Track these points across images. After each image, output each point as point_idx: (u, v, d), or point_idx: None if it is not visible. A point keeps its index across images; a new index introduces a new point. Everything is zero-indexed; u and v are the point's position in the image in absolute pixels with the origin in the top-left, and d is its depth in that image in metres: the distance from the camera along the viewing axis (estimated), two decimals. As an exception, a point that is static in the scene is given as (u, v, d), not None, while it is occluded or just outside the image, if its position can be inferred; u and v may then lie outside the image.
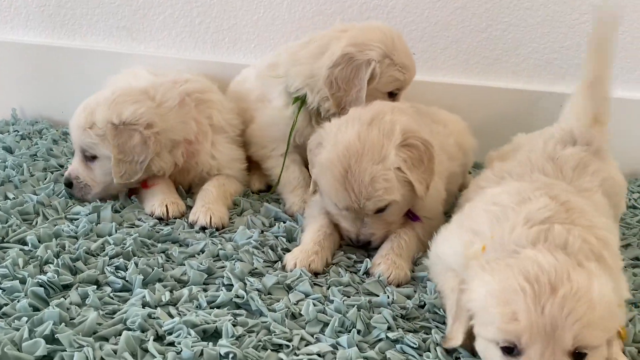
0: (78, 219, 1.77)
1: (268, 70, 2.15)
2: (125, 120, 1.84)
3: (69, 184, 1.91)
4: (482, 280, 1.19)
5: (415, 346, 1.34)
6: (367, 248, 1.75)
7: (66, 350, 1.22)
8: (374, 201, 1.63)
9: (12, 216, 1.72)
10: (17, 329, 1.26)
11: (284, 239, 1.78)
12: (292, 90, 2.04)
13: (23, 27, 2.56)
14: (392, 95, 2.00)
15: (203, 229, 1.81)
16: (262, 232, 1.81)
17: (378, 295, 1.53)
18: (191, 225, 1.83)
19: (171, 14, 2.51)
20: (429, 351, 1.33)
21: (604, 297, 1.12)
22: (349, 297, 1.51)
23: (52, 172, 2.07)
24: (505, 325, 1.12)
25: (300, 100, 2.03)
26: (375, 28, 2.00)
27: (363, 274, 1.64)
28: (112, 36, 2.56)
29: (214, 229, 1.80)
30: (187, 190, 2.05)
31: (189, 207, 1.91)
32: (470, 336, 1.25)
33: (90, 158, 1.89)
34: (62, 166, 2.13)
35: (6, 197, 1.86)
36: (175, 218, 1.86)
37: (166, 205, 1.86)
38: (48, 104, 2.60)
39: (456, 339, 1.26)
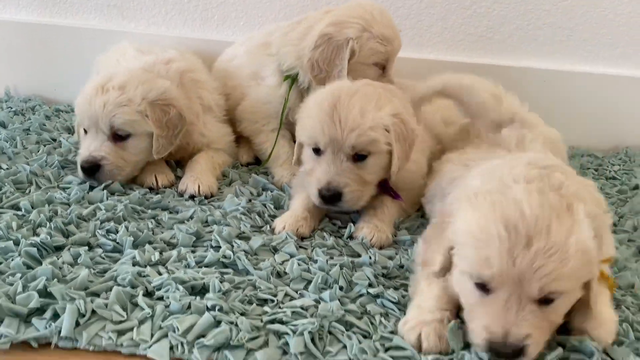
0: (70, 187, 1.81)
1: (261, 49, 2.19)
2: (160, 96, 1.87)
3: (93, 168, 1.83)
4: (465, 216, 1.23)
5: (395, 301, 1.40)
6: (336, 206, 1.70)
7: (58, 303, 1.27)
8: (358, 133, 1.63)
9: (6, 184, 1.76)
10: (11, 284, 1.31)
11: (272, 206, 1.82)
12: (285, 69, 2.08)
13: (15, 5, 2.57)
14: (381, 68, 2.04)
15: (192, 197, 1.86)
16: (250, 200, 1.86)
17: (360, 256, 1.58)
18: (181, 195, 1.87)
19: (161, -8, 2.54)
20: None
21: (579, 249, 1.15)
22: (332, 258, 1.56)
23: (44, 145, 2.10)
24: (478, 267, 1.18)
25: (292, 79, 2.07)
26: (356, 5, 2.04)
27: (347, 238, 1.69)
28: (103, 14, 2.58)
29: (203, 197, 1.85)
30: (176, 163, 2.09)
31: (179, 179, 1.95)
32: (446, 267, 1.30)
33: (122, 137, 1.85)
34: (54, 140, 2.16)
35: (0, 168, 1.89)
36: (165, 187, 1.90)
37: (155, 176, 1.90)
38: (41, 82, 2.62)
39: (434, 265, 1.30)
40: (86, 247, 1.51)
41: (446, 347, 1.24)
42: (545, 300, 1.17)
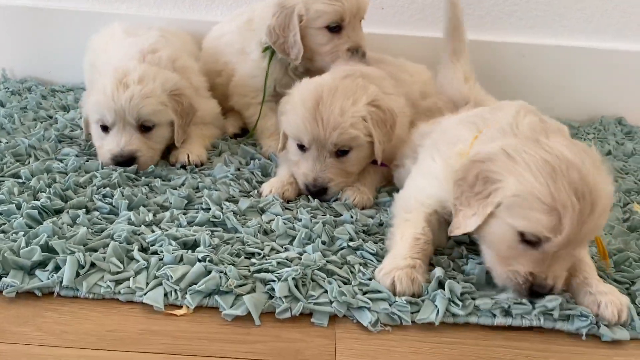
0: (67, 159, 1.90)
1: (246, 25, 2.27)
2: (174, 87, 1.96)
3: (129, 162, 1.88)
4: (522, 177, 1.27)
5: (373, 252, 1.50)
6: (322, 198, 1.80)
7: (59, 256, 1.36)
8: (339, 132, 1.72)
9: (6, 156, 1.85)
10: (15, 241, 1.40)
11: (259, 174, 1.92)
12: (263, 42, 2.17)
13: (10, -11, 2.66)
14: (335, 30, 2.08)
15: (183, 167, 1.95)
16: (239, 168, 1.95)
17: (342, 215, 1.68)
18: (172, 165, 1.97)
19: (151, -24, 2.62)
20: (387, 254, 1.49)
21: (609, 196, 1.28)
22: (315, 217, 1.66)
23: (41, 122, 2.19)
24: (547, 230, 1.25)
25: (271, 51, 2.16)
26: None
27: (330, 202, 1.79)
28: (95, -2, 2.67)
29: (194, 166, 1.94)
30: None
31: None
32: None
33: (148, 128, 1.91)
34: (50, 117, 2.25)
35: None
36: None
37: (187, 155, 1.99)
38: (36, 64, 2.68)
39: (470, 228, 1.36)
40: (84, 210, 1.61)
41: (418, 289, 1.35)
42: None
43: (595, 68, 2.64)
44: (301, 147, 1.80)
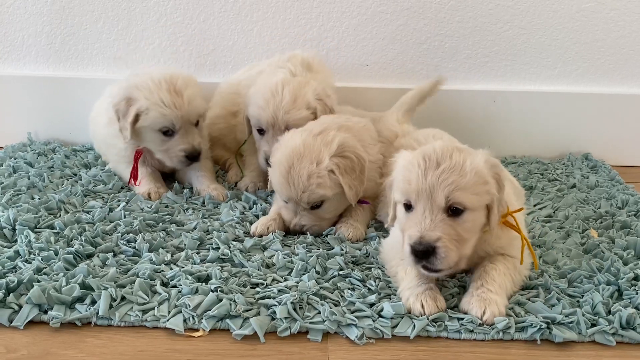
0: (93, 210, 2.17)
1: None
2: None
3: (196, 156, 2.33)
4: (398, 159, 1.71)
5: (359, 279, 1.76)
6: (303, 233, 2.07)
7: (95, 292, 1.63)
8: (308, 194, 1.98)
9: (41, 210, 2.13)
10: (56, 281, 1.67)
11: (262, 216, 2.19)
12: None
13: (34, 62, 2.95)
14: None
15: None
16: (243, 212, 2.22)
17: (334, 248, 1.95)
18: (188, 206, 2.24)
19: (159, 44, 2.92)
20: (371, 280, 1.75)
21: (474, 168, 1.60)
22: (310, 251, 1.92)
23: (67, 179, 2.47)
24: (403, 186, 1.61)
25: None
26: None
27: (325, 236, 2.06)
28: (110, 66, 2.96)
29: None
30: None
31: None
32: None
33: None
34: (75, 174, 2.54)
35: (32, 198, 2.25)
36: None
37: (149, 194, 2.33)
38: (58, 127, 2.98)
39: (390, 222, 1.78)
40: (112, 253, 1.87)
41: (443, 306, 1.62)
42: (455, 210, 1.59)
43: (562, 109, 2.93)
44: (283, 199, 2.08)
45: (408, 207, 1.64)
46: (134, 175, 2.37)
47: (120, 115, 2.29)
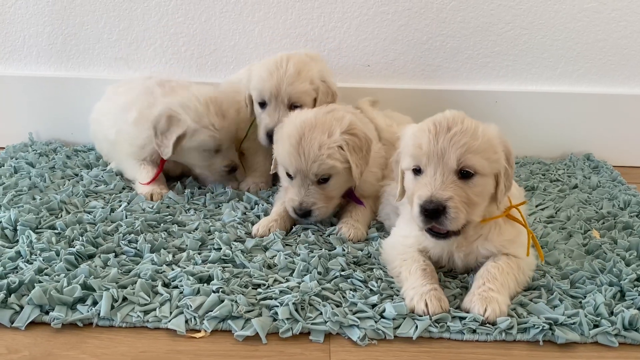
0: (94, 211, 2.17)
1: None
2: None
3: (236, 169, 2.43)
4: (407, 129, 1.74)
5: (361, 279, 1.75)
6: (308, 220, 2.08)
7: (96, 292, 1.62)
8: (319, 163, 1.99)
9: (42, 210, 2.12)
10: (58, 282, 1.67)
11: (263, 217, 2.18)
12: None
13: (35, 62, 2.95)
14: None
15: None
16: (245, 213, 2.22)
17: (336, 249, 1.94)
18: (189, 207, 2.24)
19: (160, 44, 2.92)
20: (373, 281, 1.74)
21: (486, 134, 1.63)
22: (312, 251, 1.91)
23: (69, 180, 2.47)
24: (414, 152, 1.63)
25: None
26: None
27: (327, 236, 2.05)
28: (111, 66, 2.96)
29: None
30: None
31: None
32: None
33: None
34: (76, 174, 2.54)
35: (34, 198, 2.25)
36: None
37: (151, 195, 2.33)
38: (59, 128, 2.98)
39: (399, 194, 1.80)
40: (113, 254, 1.87)
41: (446, 306, 1.61)
42: (466, 173, 1.61)
43: (564, 110, 2.92)
44: (289, 175, 2.08)
45: (417, 171, 1.66)
46: (156, 176, 2.41)
47: (158, 132, 2.30)
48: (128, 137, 2.45)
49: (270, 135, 2.24)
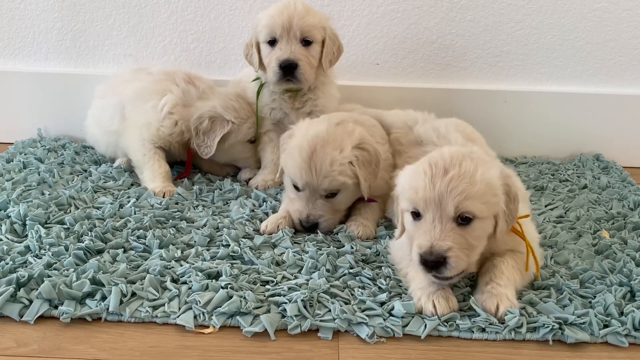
0: (103, 206, 2.17)
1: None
2: None
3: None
4: (404, 170, 1.69)
5: (370, 277, 1.75)
6: (313, 231, 2.05)
7: (105, 287, 1.63)
8: (330, 180, 1.98)
9: (51, 206, 2.13)
10: (67, 276, 1.67)
11: (271, 214, 2.18)
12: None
13: (44, 59, 2.96)
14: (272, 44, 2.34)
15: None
16: (253, 210, 2.22)
17: (345, 246, 1.94)
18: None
19: (170, 42, 2.92)
20: (382, 279, 1.74)
21: (485, 178, 1.57)
22: (321, 249, 1.91)
23: (77, 175, 2.48)
24: (410, 195, 1.59)
25: (259, 81, 2.47)
26: None
27: (335, 234, 2.05)
28: (121, 63, 2.96)
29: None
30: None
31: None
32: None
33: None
34: (85, 170, 2.54)
35: (43, 193, 2.26)
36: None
37: (164, 193, 2.33)
38: (68, 124, 2.98)
39: (400, 233, 1.75)
40: (122, 250, 1.87)
41: (455, 306, 1.60)
42: (465, 219, 1.57)
43: (573, 110, 2.91)
44: (296, 187, 2.07)
45: (416, 214, 1.62)
46: (187, 171, 2.56)
47: (200, 132, 2.44)
48: (146, 123, 2.49)
49: (283, 67, 2.26)
